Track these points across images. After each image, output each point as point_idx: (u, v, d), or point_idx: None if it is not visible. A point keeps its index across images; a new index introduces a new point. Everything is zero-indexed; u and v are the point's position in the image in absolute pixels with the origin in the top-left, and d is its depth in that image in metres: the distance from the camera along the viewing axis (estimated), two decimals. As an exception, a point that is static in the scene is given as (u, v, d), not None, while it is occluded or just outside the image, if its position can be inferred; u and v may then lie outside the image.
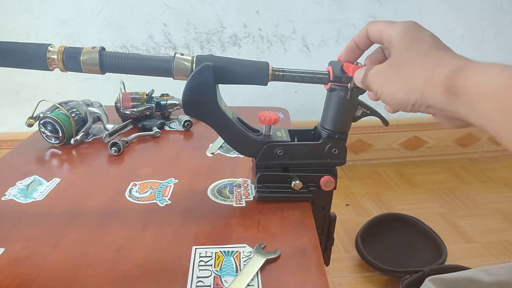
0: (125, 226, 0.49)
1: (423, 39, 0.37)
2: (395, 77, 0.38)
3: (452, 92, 0.32)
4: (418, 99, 0.35)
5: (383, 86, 0.39)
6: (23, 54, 0.49)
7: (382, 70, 0.40)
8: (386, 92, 0.39)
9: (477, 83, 0.30)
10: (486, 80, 0.30)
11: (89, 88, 1.42)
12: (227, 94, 0.58)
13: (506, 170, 1.64)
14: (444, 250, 1.11)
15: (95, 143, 0.74)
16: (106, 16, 1.34)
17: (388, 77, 0.39)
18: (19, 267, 0.42)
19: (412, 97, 0.36)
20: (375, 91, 0.41)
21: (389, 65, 0.39)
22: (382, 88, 0.39)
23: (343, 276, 1.09)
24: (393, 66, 0.39)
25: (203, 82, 0.48)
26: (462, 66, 0.32)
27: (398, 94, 0.37)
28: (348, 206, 1.40)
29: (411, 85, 0.36)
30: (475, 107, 0.30)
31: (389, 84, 0.38)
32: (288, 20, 1.43)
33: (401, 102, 0.37)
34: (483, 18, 1.54)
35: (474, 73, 0.31)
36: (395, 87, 0.38)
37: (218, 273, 0.42)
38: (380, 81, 0.40)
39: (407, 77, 0.36)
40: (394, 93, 0.38)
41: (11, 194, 0.56)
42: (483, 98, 0.29)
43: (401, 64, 0.38)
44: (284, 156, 0.53)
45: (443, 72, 0.33)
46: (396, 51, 0.39)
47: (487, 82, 0.29)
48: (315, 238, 0.47)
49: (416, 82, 0.35)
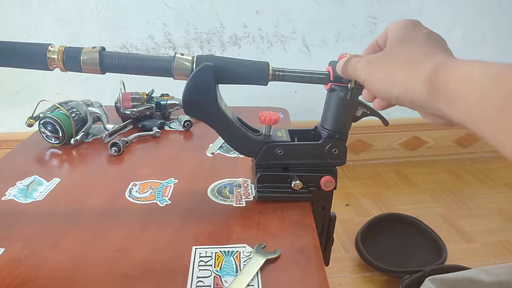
0: (125, 226, 0.49)
1: (417, 36, 0.38)
2: (383, 68, 0.38)
3: (433, 88, 0.32)
4: (401, 93, 0.35)
5: (371, 75, 0.40)
6: (24, 54, 0.49)
7: (373, 60, 0.40)
8: (372, 82, 0.39)
9: (457, 79, 0.30)
10: (467, 76, 0.29)
11: (89, 88, 1.42)
12: (227, 94, 0.58)
13: (506, 170, 1.64)
14: (444, 250, 1.11)
15: (95, 143, 0.74)
16: (106, 16, 1.34)
17: (376, 68, 0.39)
18: (19, 267, 0.42)
19: (396, 89, 0.36)
20: (363, 79, 0.41)
21: (379, 56, 0.40)
22: (370, 77, 0.40)
23: (343, 276, 1.09)
24: (383, 57, 0.39)
25: (203, 82, 0.48)
26: (445, 63, 0.32)
27: (383, 85, 0.37)
28: (348, 206, 1.40)
29: (395, 78, 0.36)
30: (455, 104, 0.30)
31: (376, 75, 0.39)
32: (288, 20, 1.43)
33: (385, 94, 0.37)
34: (483, 18, 1.54)
35: (455, 69, 0.31)
36: (381, 78, 0.38)
37: (218, 273, 0.42)
38: (369, 70, 0.40)
39: (393, 70, 0.37)
40: (380, 83, 0.38)
41: (11, 194, 0.56)
42: (464, 95, 0.29)
43: (391, 56, 0.38)
44: (284, 156, 0.53)
45: (427, 67, 0.33)
46: (389, 45, 0.40)
47: (468, 78, 0.29)
48: (315, 238, 0.47)
49: (400, 75, 0.36)
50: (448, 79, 0.31)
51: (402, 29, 0.39)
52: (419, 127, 1.67)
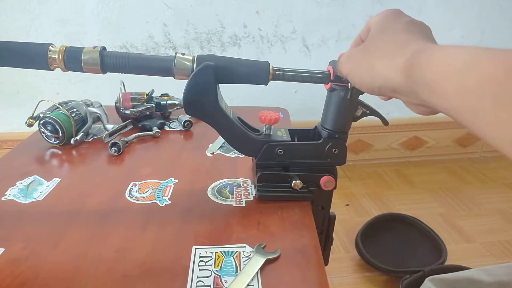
0: (125, 226, 0.49)
1: (396, 26, 0.37)
2: (363, 61, 0.38)
3: (411, 77, 0.31)
4: (382, 84, 0.35)
5: (353, 70, 0.40)
6: (24, 53, 0.49)
7: (353, 53, 0.40)
8: (354, 76, 0.39)
9: (433, 67, 0.29)
10: (444, 61, 0.28)
11: (89, 88, 1.42)
12: (227, 94, 0.58)
13: (506, 170, 1.64)
14: (444, 250, 1.11)
15: (95, 143, 0.74)
16: (106, 16, 1.34)
17: (357, 61, 0.39)
18: (19, 267, 0.42)
19: (377, 81, 0.36)
20: (345, 74, 0.41)
21: (359, 49, 0.40)
22: (352, 72, 0.40)
23: (343, 276, 1.09)
24: (363, 50, 0.39)
25: (203, 81, 0.48)
26: (421, 50, 0.31)
27: (365, 77, 0.37)
28: (348, 206, 1.40)
29: (375, 69, 0.36)
30: (434, 90, 0.29)
31: (357, 68, 0.39)
32: (288, 20, 1.43)
33: (368, 86, 0.37)
34: (483, 18, 1.54)
35: (430, 56, 0.30)
36: (363, 70, 0.38)
37: (218, 273, 0.42)
38: (350, 64, 0.40)
39: (373, 61, 0.36)
40: (361, 77, 0.38)
41: (11, 194, 0.56)
42: (441, 83, 0.28)
43: (370, 47, 0.38)
44: (284, 155, 0.53)
45: (405, 55, 0.33)
46: (369, 36, 0.39)
47: (445, 64, 0.28)
48: (315, 238, 0.47)
49: (380, 66, 0.35)
50: (423, 67, 0.30)
51: (382, 19, 0.39)
52: (419, 127, 1.67)
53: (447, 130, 1.69)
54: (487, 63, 0.25)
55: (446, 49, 0.29)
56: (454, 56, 0.28)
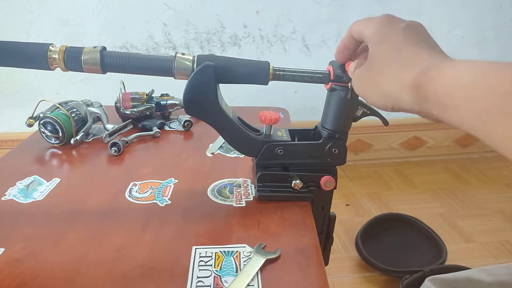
0: (125, 226, 0.49)
1: (393, 35, 0.36)
2: (371, 83, 0.38)
3: (421, 96, 0.32)
4: (394, 104, 0.36)
5: (364, 91, 0.40)
6: (24, 53, 0.49)
7: (361, 74, 0.40)
8: (366, 97, 0.40)
9: (445, 83, 0.29)
10: (454, 79, 0.28)
11: (89, 88, 1.42)
12: (227, 94, 0.58)
13: (506, 170, 1.64)
14: (444, 250, 1.11)
15: (95, 143, 0.74)
16: (106, 16, 1.34)
17: (366, 82, 0.39)
18: (19, 267, 0.42)
19: (388, 101, 0.36)
20: (360, 94, 0.42)
21: (366, 68, 0.40)
22: (363, 94, 0.40)
23: (343, 276, 1.09)
24: (369, 68, 0.39)
25: (204, 81, 0.48)
26: (429, 68, 0.31)
27: (376, 99, 0.38)
28: (348, 206, 1.40)
29: (384, 91, 0.36)
30: (446, 108, 0.29)
31: (367, 90, 0.39)
32: (288, 20, 1.43)
33: (380, 106, 0.38)
34: (483, 18, 1.54)
35: (441, 73, 0.30)
36: (373, 92, 0.38)
37: (218, 273, 0.42)
38: (361, 86, 0.41)
39: (381, 82, 0.36)
40: (373, 99, 0.38)
41: (11, 194, 0.56)
42: (452, 99, 0.28)
43: (375, 66, 0.38)
44: (285, 155, 0.53)
45: (411, 73, 0.33)
46: (370, 52, 0.39)
47: (455, 81, 0.28)
48: (315, 238, 0.47)
49: (388, 87, 0.35)
50: (435, 85, 0.30)
51: (377, 31, 0.38)
52: (419, 127, 1.67)
53: (447, 130, 1.69)
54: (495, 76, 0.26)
55: (457, 64, 0.29)
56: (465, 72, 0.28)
